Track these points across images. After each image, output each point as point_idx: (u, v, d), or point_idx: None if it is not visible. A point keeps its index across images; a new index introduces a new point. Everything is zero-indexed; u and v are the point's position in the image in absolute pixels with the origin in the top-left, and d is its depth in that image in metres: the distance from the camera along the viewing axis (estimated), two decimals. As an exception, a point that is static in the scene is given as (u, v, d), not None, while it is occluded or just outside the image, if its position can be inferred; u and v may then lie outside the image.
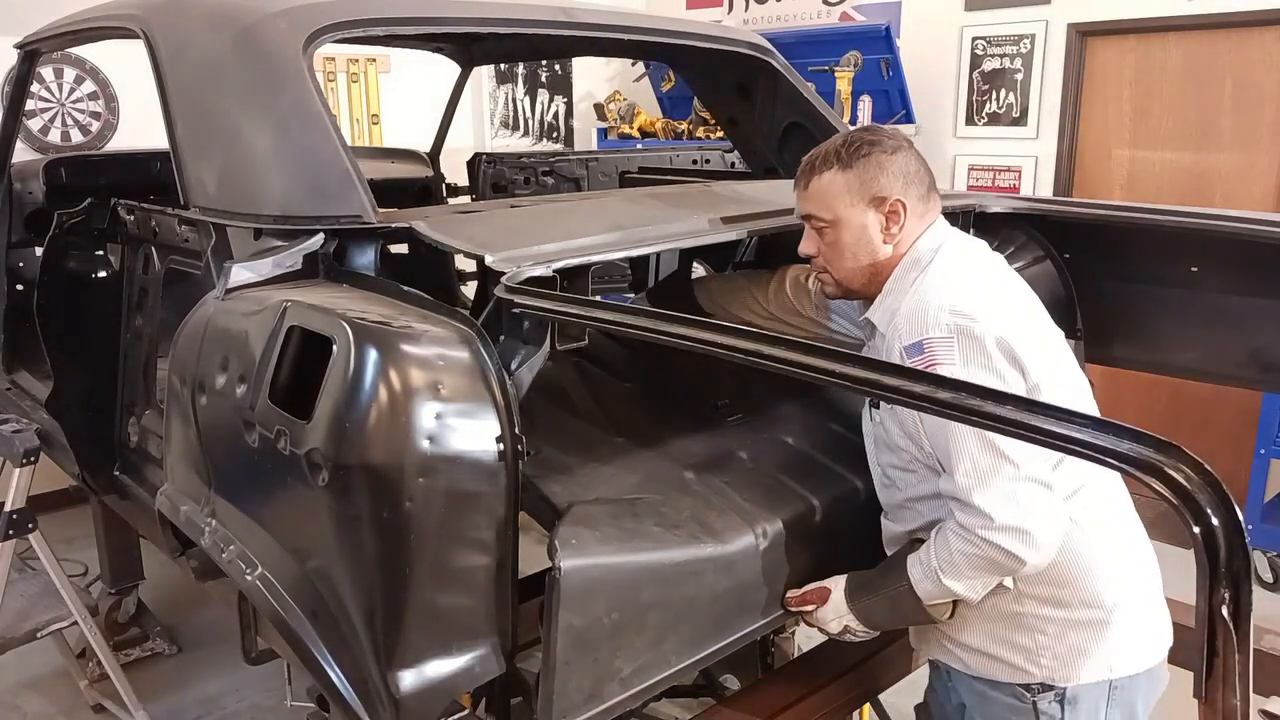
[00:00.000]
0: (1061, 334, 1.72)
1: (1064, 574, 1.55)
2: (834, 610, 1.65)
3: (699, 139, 5.43)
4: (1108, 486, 1.65)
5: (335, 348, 1.34)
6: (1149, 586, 1.68)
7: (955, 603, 1.58)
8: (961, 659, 1.66)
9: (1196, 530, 0.82)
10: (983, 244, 1.78)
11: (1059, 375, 1.60)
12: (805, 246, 1.72)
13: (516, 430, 1.35)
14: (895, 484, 1.67)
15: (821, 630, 1.70)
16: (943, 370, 1.44)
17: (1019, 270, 2.04)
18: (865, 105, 4.87)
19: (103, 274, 2.42)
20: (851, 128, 1.79)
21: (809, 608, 1.67)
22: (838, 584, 1.66)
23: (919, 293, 1.57)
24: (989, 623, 1.60)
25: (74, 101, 4.36)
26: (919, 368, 1.41)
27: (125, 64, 4.21)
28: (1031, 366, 1.50)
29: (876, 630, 1.69)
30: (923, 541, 1.59)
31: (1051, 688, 1.58)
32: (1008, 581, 1.55)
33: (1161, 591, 1.70)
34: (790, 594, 1.69)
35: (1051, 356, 1.60)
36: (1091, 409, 1.59)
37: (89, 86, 4.39)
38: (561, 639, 1.36)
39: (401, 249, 1.86)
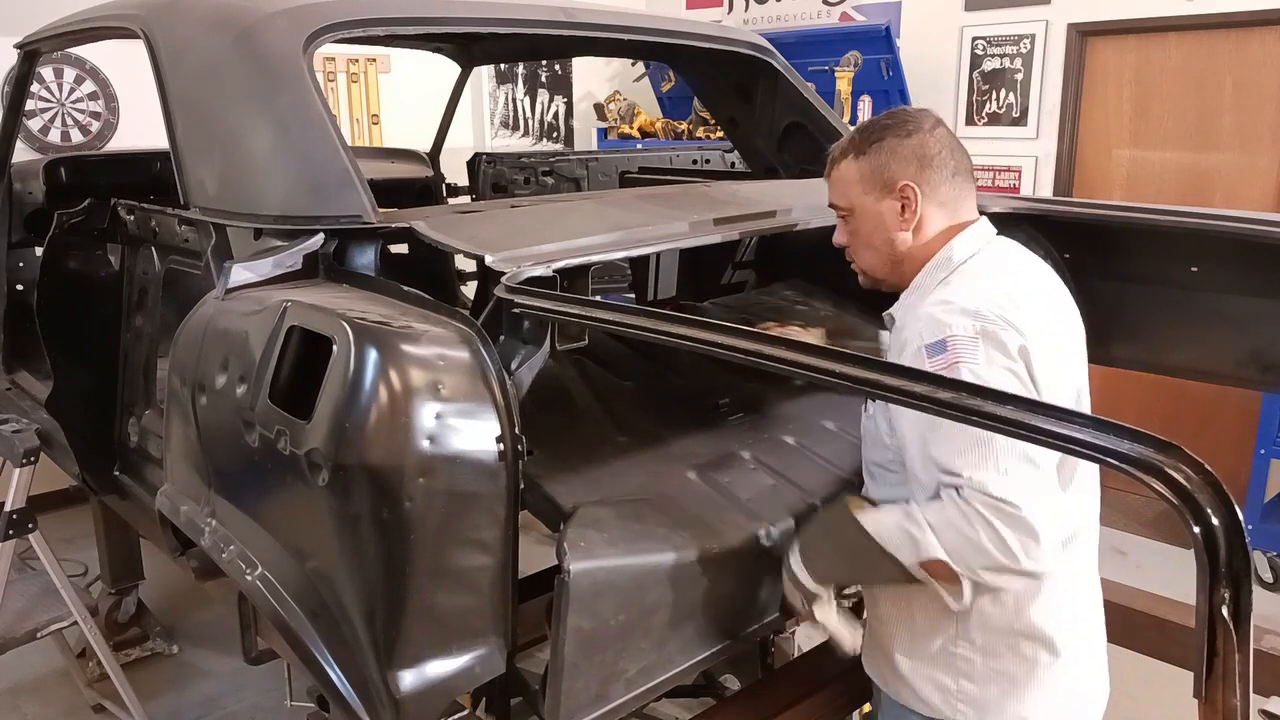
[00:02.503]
0: (1085, 361, 1.64)
1: (1017, 624, 1.52)
2: (787, 575, 1.55)
3: (699, 139, 5.43)
4: (1090, 548, 1.63)
5: (335, 348, 1.34)
6: (1088, 654, 1.63)
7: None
8: (887, 680, 1.65)
9: (1196, 530, 0.82)
10: (1031, 255, 1.67)
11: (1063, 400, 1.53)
12: (837, 236, 1.69)
13: (516, 430, 1.35)
14: (875, 479, 1.64)
15: (797, 612, 1.58)
16: (965, 368, 1.37)
17: None
18: (865, 105, 4.88)
19: (103, 274, 2.42)
20: (851, 127, 1.77)
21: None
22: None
23: (944, 294, 1.52)
24: (915, 656, 1.58)
25: (74, 101, 4.36)
26: (940, 366, 1.37)
27: (125, 64, 4.21)
28: (1042, 383, 1.44)
29: (826, 581, 1.52)
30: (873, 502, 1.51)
31: None
32: (954, 605, 1.45)
33: (1104, 662, 1.67)
34: None
35: (1059, 381, 1.52)
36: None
37: (89, 86, 4.39)
38: (570, 641, 1.36)
39: (401, 249, 1.86)
